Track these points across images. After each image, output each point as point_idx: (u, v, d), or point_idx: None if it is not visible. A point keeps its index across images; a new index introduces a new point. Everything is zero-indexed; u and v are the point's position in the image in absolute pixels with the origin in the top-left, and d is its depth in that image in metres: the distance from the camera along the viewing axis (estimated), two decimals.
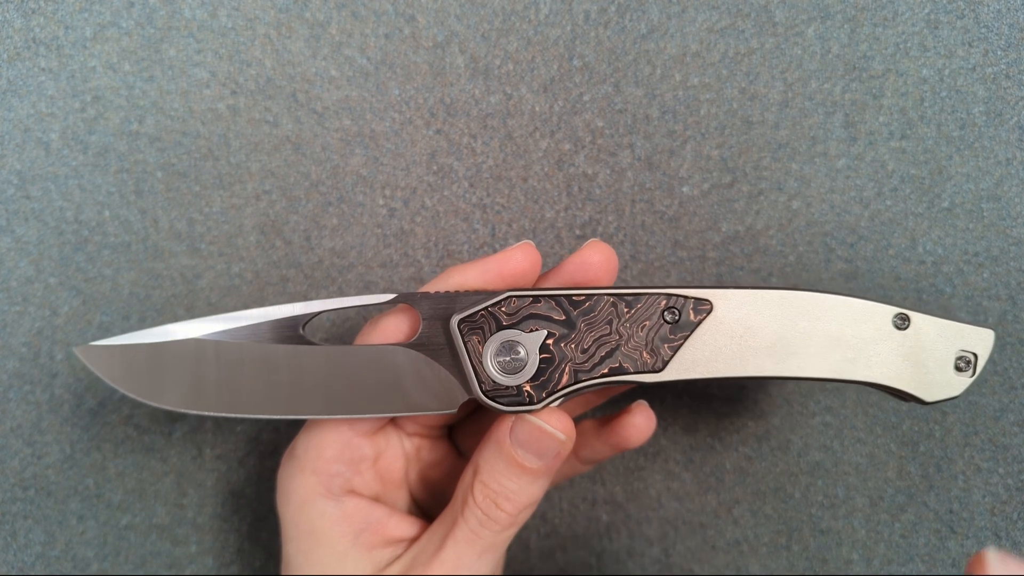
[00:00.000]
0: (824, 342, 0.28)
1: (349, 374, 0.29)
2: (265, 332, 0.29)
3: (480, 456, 0.29)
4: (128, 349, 0.29)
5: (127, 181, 0.37)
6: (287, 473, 0.31)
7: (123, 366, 0.29)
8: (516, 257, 0.30)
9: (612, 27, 0.37)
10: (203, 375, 0.29)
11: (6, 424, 0.37)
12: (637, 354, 0.28)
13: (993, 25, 0.37)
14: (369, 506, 0.31)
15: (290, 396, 0.29)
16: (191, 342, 0.29)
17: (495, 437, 0.28)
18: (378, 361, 0.29)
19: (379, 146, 0.38)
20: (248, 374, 0.29)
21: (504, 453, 0.28)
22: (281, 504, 0.31)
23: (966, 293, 0.38)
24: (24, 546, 0.38)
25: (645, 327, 0.28)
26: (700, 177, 0.38)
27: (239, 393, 0.29)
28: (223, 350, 0.29)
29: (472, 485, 0.29)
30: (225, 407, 0.29)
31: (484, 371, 0.28)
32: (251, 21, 0.37)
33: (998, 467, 0.38)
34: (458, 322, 0.28)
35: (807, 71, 0.37)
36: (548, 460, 0.28)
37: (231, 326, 0.29)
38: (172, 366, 0.29)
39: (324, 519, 0.30)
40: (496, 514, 0.28)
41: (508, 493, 0.28)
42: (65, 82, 0.37)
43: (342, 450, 0.30)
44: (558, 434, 0.28)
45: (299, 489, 0.30)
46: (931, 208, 0.38)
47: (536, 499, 0.29)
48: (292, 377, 0.29)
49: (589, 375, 0.28)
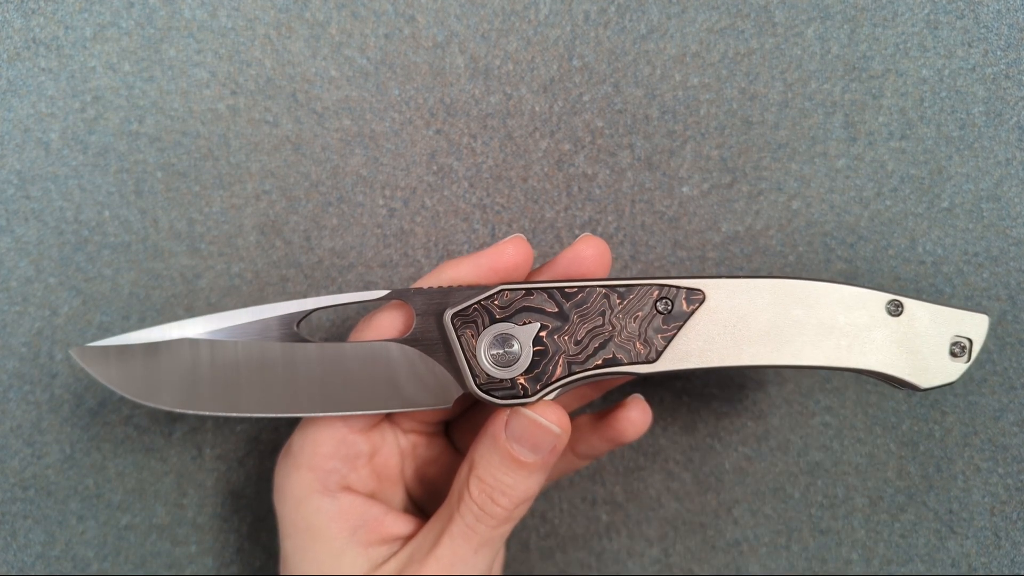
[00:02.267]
0: (818, 330, 0.28)
1: (343, 371, 0.29)
2: (259, 331, 0.29)
3: (475, 451, 0.29)
4: (123, 350, 0.29)
5: (127, 181, 0.37)
6: (283, 470, 0.31)
7: (118, 367, 0.29)
8: (508, 251, 0.30)
9: (612, 27, 0.37)
10: (198, 375, 0.29)
11: (6, 424, 0.37)
12: (631, 345, 0.28)
13: (993, 25, 0.37)
14: (365, 503, 0.31)
15: (285, 394, 0.29)
16: (185, 342, 0.29)
17: (490, 432, 0.28)
18: (372, 357, 0.29)
19: (379, 146, 0.38)
20: (243, 373, 0.29)
21: (499, 448, 0.28)
22: (278, 501, 0.31)
23: (966, 293, 0.38)
24: (24, 546, 0.38)
25: (638, 318, 0.28)
26: (700, 177, 0.38)
27: (234, 392, 0.29)
28: (218, 350, 0.29)
29: (468, 480, 0.29)
30: (221, 407, 0.29)
31: (478, 365, 0.28)
32: (251, 21, 0.37)
33: (998, 467, 0.38)
34: (451, 316, 0.28)
35: (807, 71, 0.37)
36: (544, 454, 0.28)
37: (225, 325, 0.29)
38: (167, 366, 0.29)
39: (320, 515, 0.30)
40: (492, 509, 0.28)
41: (504, 488, 0.28)
42: (65, 82, 0.37)
43: (337, 447, 0.30)
44: (553, 427, 0.28)
45: (295, 486, 0.30)
46: (931, 208, 0.38)
47: (533, 494, 0.29)
48: (287, 375, 0.29)
49: (583, 367, 0.28)
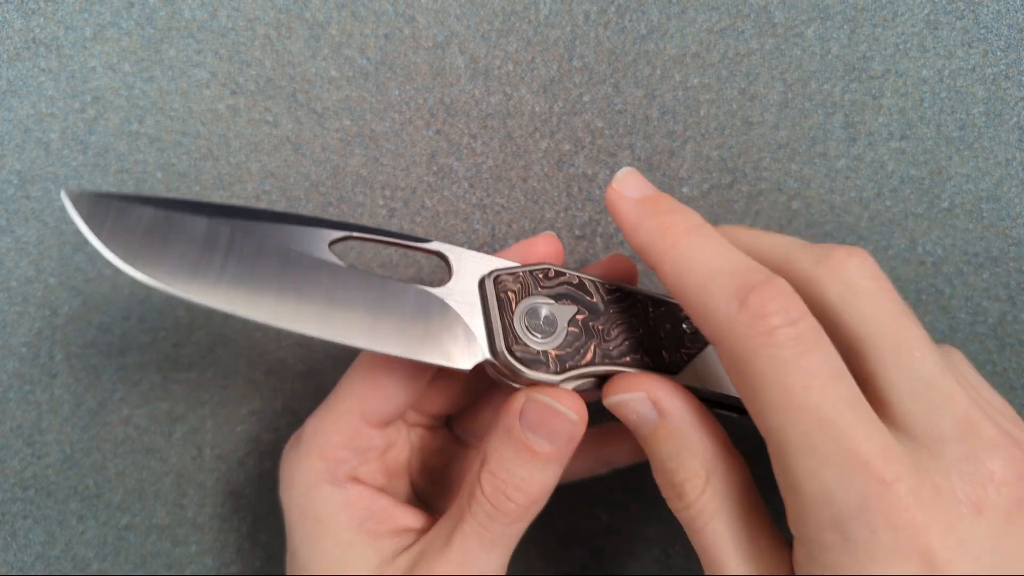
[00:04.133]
0: None
1: (375, 302, 0.27)
2: (287, 237, 0.26)
3: (488, 444, 0.28)
4: (128, 206, 0.25)
5: (127, 181, 0.37)
6: (292, 459, 0.30)
7: (116, 223, 0.25)
8: (539, 247, 0.29)
9: (612, 27, 0.37)
10: (212, 258, 0.25)
11: (6, 424, 0.37)
12: (657, 351, 0.28)
13: (993, 26, 0.37)
14: (373, 494, 0.30)
15: (305, 310, 0.26)
16: (203, 222, 0.26)
17: (504, 423, 0.27)
18: (408, 298, 0.27)
19: (379, 146, 0.38)
20: (262, 273, 0.26)
21: (514, 438, 0.27)
22: (285, 491, 0.30)
23: (966, 293, 0.38)
24: (24, 546, 0.38)
25: (666, 329, 0.28)
26: (700, 177, 0.38)
27: (253, 290, 0.25)
28: (239, 239, 0.26)
29: (479, 475, 0.27)
30: (233, 302, 0.25)
31: (512, 329, 0.27)
32: (251, 21, 0.37)
33: None
34: (495, 278, 0.28)
35: (807, 71, 0.37)
36: (560, 444, 0.27)
37: (250, 220, 0.26)
38: (175, 241, 0.25)
39: (328, 504, 0.29)
40: (506, 505, 0.27)
41: (518, 482, 0.27)
42: (65, 82, 0.37)
43: (351, 437, 0.30)
44: (570, 413, 0.26)
45: (305, 474, 0.29)
46: (931, 208, 0.38)
47: (548, 489, 0.27)
48: (310, 290, 0.26)
49: (612, 360, 0.28)
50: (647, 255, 0.26)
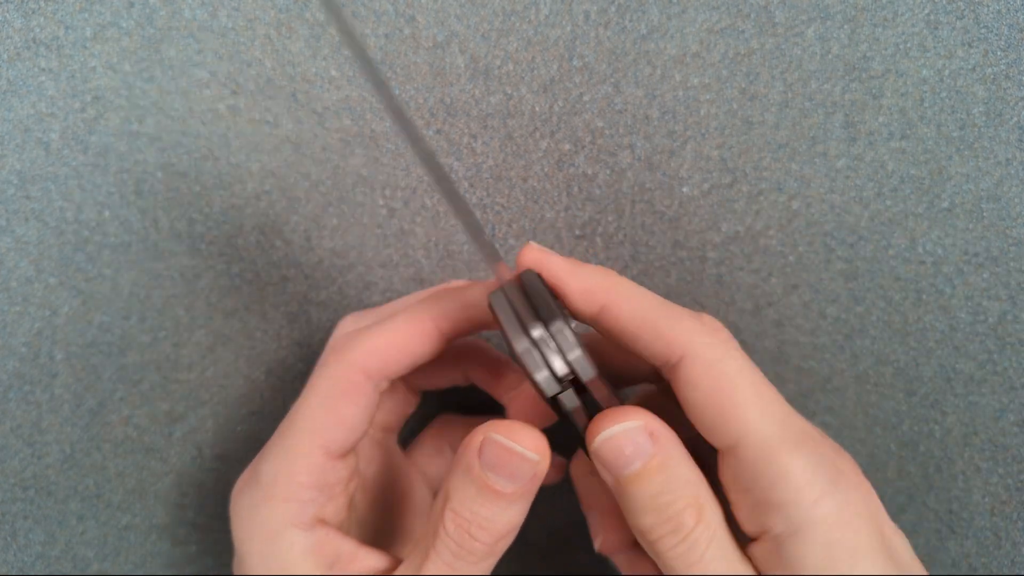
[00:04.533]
0: None
1: None
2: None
3: (449, 482, 0.26)
4: None
5: (127, 181, 0.37)
6: (249, 502, 0.28)
7: None
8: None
9: (612, 27, 0.37)
10: None
11: (6, 424, 0.37)
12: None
13: (993, 26, 0.37)
14: (339, 537, 0.29)
15: None
16: None
17: (464, 462, 0.26)
18: None
19: (379, 146, 0.38)
20: None
21: (474, 478, 0.25)
22: (243, 536, 0.28)
23: (966, 293, 0.38)
24: (24, 546, 0.38)
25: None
26: (700, 177, 0.38)
27: None
28: None
29: (443, 513, 0.26)
30: None
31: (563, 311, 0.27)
32: (251, 21, 0.37)
33: (998, 467, 0.38)
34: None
35: (807, 71, 0.37)
36: (523, 483, 0.26)
37: None
38: None
39: (294, 550, 0.28)
40: (471, 545, 0.26)
41: (482, 521, 0.26)
42: (65, 82, 0.37)
43: (318, 475, 0.28)
44: (530, 454, 0.25)
45: (268, 519, 0.28)
46: (931, 208, 0.38)
47: (515, 525, 0.26)
48: None
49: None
50: None
